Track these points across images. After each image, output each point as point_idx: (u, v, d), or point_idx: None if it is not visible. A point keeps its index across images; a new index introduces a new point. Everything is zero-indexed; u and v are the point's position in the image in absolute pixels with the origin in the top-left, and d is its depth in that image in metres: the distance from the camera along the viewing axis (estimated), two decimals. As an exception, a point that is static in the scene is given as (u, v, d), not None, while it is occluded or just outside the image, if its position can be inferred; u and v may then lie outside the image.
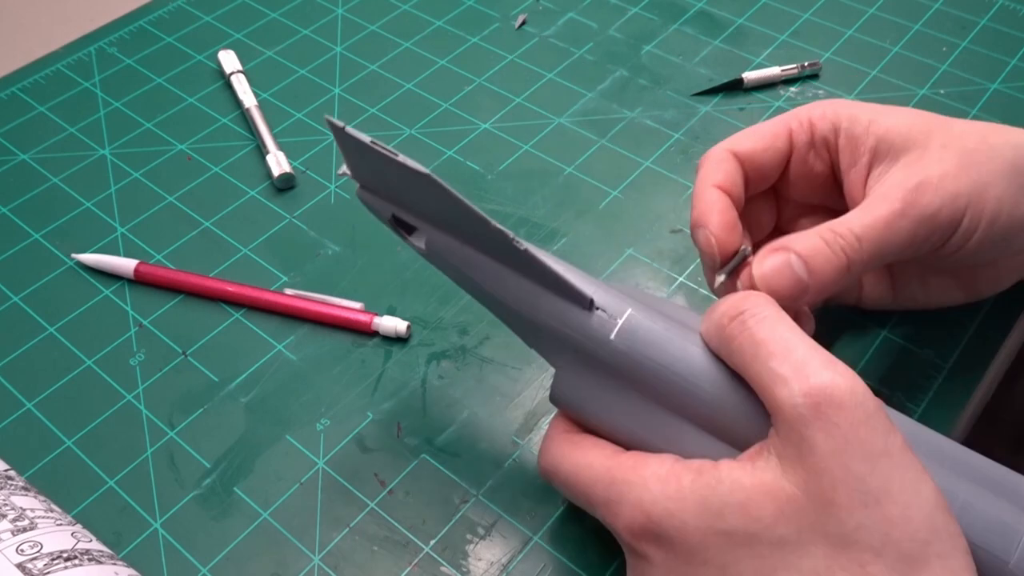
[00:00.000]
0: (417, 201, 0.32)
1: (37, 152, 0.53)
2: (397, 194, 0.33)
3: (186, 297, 0.45)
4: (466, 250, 0.32)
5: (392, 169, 0.30)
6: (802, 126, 0.37)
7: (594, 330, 0.30)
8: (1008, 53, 0.56)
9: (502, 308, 0.33)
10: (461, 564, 0.36)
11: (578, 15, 0.60)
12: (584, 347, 0.31)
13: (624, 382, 0.30)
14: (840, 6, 0.60)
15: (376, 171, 0.32)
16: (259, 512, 0.38)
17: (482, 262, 0.32)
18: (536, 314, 0.31)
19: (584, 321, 0.30)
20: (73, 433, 0.41)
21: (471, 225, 0.30)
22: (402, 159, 0.29)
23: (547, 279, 0.30)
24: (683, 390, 0.29)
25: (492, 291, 0.32)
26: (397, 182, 0.32)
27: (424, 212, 0.33)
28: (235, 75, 0.56)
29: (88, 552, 0.31)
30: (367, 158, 0.31)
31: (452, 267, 0.33)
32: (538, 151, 0.52)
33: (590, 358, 0.31)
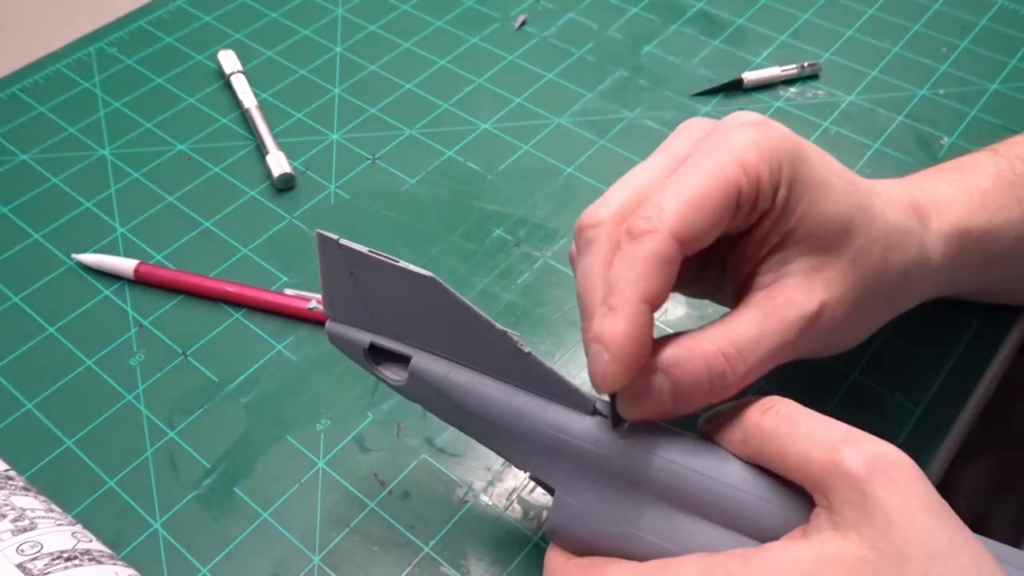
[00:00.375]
0: (408, 318, 0.30)
1: (37, 152, 0.53)
2: (382, 315, 0.30)
3: (186, 297, 0.45)
4: (455, 370, 0.30)
5: (387, 281, 0.29)
6: (750, 183, 0.29)
7: (599, 434, 0.29)
8: (1008, 53, 0.56)
9: (492, 429, 0.30)
10: (461, 564, 0.36)
11: (578, 15, 0.60)
12: (588, 455, 0.29)
13: (634, 488, 0.29)
14: (840, 6, 0.60)
15: (362, 292, 0.30)
16: (259, 512, 0.38)
17: (473, 381, 0.30)
18: (534, 427, 0.29)
19: (587, 427, 0.29)
20: (73, 433, 0.41)
21: (470, 332, 0.29)
22: (404, 265, 0.28)
23: (549, 384, 0.29)
24: (700, 484, 0.28)
25: (483, 410, 0.30)
26: (388, 298, 0.30)
27: (412, 331, 0.30)
28: (235, 75, 0.56)
29: (88, 552, 0.31)
30: (358, 275, 0.29)
31: (435, 392, 0.30)
32: (538, 151, 0.52)
33: (594, 468, 0.29)
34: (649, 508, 0.28)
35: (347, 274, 0.30)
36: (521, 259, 0.47)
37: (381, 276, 0.29)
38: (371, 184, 0.51)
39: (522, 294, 0.45)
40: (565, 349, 0.43)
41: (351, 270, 0.29)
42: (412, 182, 0.51)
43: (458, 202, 0.49)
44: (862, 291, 0.32)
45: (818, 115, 0.53)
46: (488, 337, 0.29)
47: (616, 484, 0.29)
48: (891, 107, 0.53)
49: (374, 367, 0.32)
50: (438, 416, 0.32)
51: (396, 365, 0.31)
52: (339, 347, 0.32)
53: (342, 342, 0.32)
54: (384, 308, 0.30)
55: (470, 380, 0.30)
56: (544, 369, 0.29)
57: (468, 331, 0.29)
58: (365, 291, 0.30)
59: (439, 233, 0.48)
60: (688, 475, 0.28)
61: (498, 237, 0.48)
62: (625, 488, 0.29)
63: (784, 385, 0.41)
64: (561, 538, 0.30)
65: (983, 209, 0.36)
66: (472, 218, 0.49)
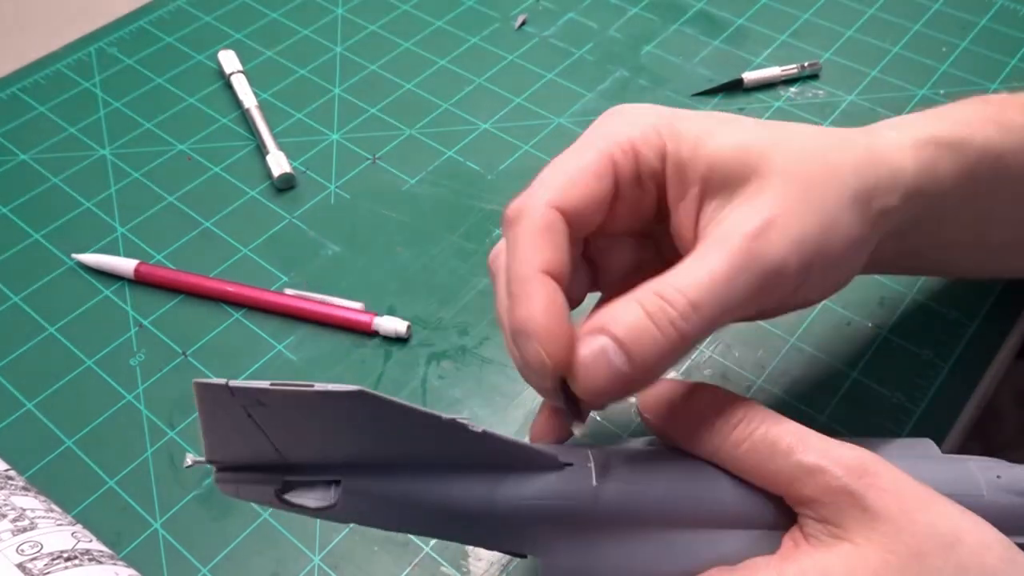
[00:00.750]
0: (328, 441, 0.26)
1: (37, 152, 0.53)
2: (292, 449, 0.26)
3: (186, 297, 0.45)
4: (396, 477, 0.27)
5: (300, 410, 0.25)
6: (626, 155, 0.30)
7: (572, 485, 0.28)
8: (1008, 53, 0.56)
9: (456, 522, 0.28)
10: (461, 564, 0.36)
11: (578, 15, 0.60)
12: (566, 512, 0.28)
13: (620, 526, 0.28)
14: (840, 6, 0.60)
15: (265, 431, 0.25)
16: (259, 512, 0.38)
17: (421, 483, 0.27)
18: (502, 505, 0.27)
19: (557, 483, 0.28)
20: (73, 433, 0.41)
21: (412, 433, 0.26)
22: (322, 387, 0.24)
23: (510, 455, 0.27)
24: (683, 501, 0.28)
25: (442, 507, 0.27)
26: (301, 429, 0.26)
27: (333, 453, 0.27)
28: (235, 75, 0.56)
29: (88, 552, 0.31)
30: (259, 414, 0.25)
31: (375, 507, 0.27)
32: (538, 151, 0.52)
33: (575, 522, 0.28)
34: (640, 539, 0.28)
35: (243, 417, 0.25)
36: (521, 259, 0.47)
37: (293, 407, 0.25)
38: (371, 184, 0.51)
39: (522, 294, 0.45)
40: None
41: (248, 412, 0.25)
42: (412, 182, 0.51)
43: (458, 202, 0.49)
44: (814, 199, 0.29)
45: (818, 115, 0.53)
46: (435, 432, 0.26)
47: (601, 529, 0.28)
48: (891, 107, 0.53)
49: (288, 504, 0.27)
50: (380, 528, 0.28)
51: (313, 491, 0.27)
52: (237, 496, 0.27)
53: (243, 490, 0.27)
54: (296, 440, 0.26)
55: (420, 483, 0.27)
56: (503, 441, 0.27)
57: (409, 433, 0.26)
58: (270, 429, 0.25)
59: (439, 233, 0.48)
60: (669, 496, 0.28)
61: (498, 237, 0.48)
62: (612, 530, 0.28)
63: (785, 385, 0.41)
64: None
65: (953, 123, 0.32)
66: (472, 218, 0.49)
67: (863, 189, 0.30)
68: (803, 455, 0.27)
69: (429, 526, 0.28)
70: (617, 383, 0.27)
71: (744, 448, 0.28)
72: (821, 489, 0.26)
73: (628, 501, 0.28)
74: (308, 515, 0.27)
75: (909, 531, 0.25)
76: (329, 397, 0.24)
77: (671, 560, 0.28)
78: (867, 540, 0.26)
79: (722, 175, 0.29)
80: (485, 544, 0.29)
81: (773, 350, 0.42)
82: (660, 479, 0.28)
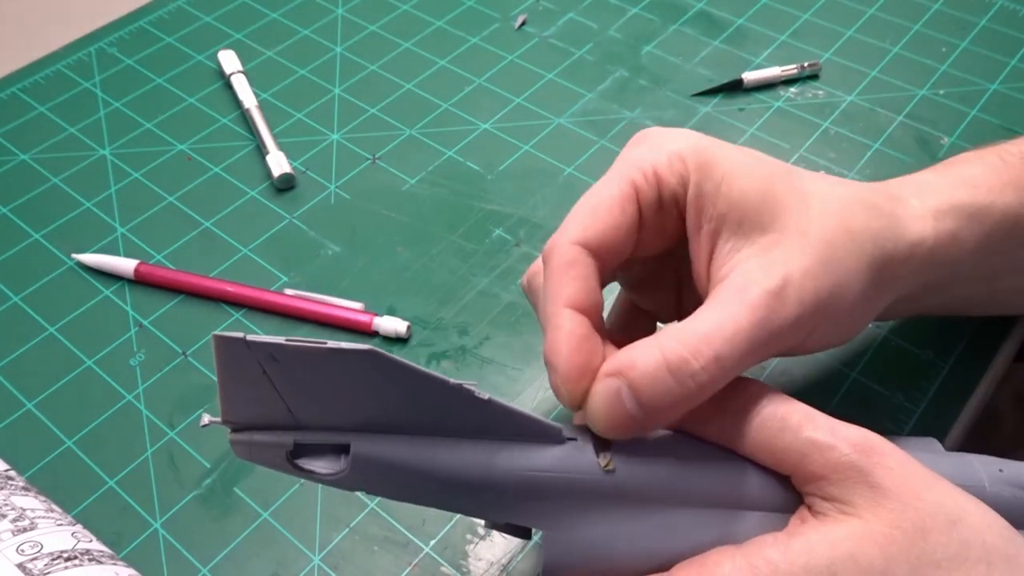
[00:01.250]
0: (339, 403, 0.27)
1: (37, 152, 0.53)
2: (304, 409, 0.27)
3: (186, 297, 0.45)
4: (404, 443, 0.27)
5: (313, 368, 0.25)
6: (648, 182, 0.31)
7: (574, 458, 0.28)
8: (1008, 53, 0.56)
9: (460, 491, 0.28)
10: (461, 564, 0.36)
11: (578, 15, 0.60)
12: (570, 485, 0.28)
13: (623, 502, 0.28)
14: (840, 6, 0.60)
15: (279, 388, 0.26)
16: (259, 512, 0.38)
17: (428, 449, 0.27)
18: (507, 474, 0.28)
19: (560, 456, 0.28)
20: (73, 433, 0.41)
21: (419, 397, 0.27)
22: (335, 345, 0.25)
23: (513, 424, 0.28)
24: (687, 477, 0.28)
25: (447, 475, 0.27)
26: (314, 387, 0.26)
27: (344, 416, 0.27)
28: (235, 75, 0.56)
29: (88, 552, 0.31)
30: (274, 370, 0.25)
31: (383, 474, 0.27)
32: (538, 151, 0.52)
33: (579, 495, 0.28)
34: (643, 517, 0.28)
35: (258, 373, 0.26)
36: (521, 259, 0.47)
37: (305, 364, 0.25)
38: (371, 184, 0.51)
39: (522, 294, 0.45)
40: (565, 349, 0.43)
41: (264, 368, 0.25)
42: (412, 182, 0.51)
43: (458, 202, 0.49)
44: (831, 261, 0.30)
45: (818, 115, 0.53)
46: (442, 397, 0.27)
47: (604, 504, 0.28)
48: (891, 107, 0.53)
49: (298, 469, 0.27)
50: (386, 496, 0.29)
51: (323, 458, 0.27)
52: (249, 458, 0.27)
53: (256, 451, 0.27)
54: (308, 400, 0.26)
55: (425, 449, 0.27)
56: (508, 410, 0.27)
57: (417, 397, 0.27)
58: (283, 386, 0.26)
59: (439, 233, 0.48)
60: (674, 474, 0.28)
61: (498, 237, 0.48)
62: (615, 505, 0.28)
63: (785, 385, 0.41)
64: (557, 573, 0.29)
65: (973, 189, 0.33)
66: (472, 218, 0.49)
67: (880, 257, 0.31)
68: (812, 432, 0.27)
69: (433, 495, 0.28)
70: (628, 425, 0.28)
71: (753, 425, 0.28)
72: (830, 465, 0.27)
73: (631, 477, 0.28)
74: (317, 481, 0.27)
75: (914, 507, 0.26)
76: (339, 355, 0.25)
77: (675, 538, 0.28)
78: (874, 515, 0.26)
79: (741, 218, 0.30)
80: (487, 516, 0.29)
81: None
82: (665, 456, 0.29)
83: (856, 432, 0.27)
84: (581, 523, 0.28)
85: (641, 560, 0.28)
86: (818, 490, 0.27)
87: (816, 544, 0.26)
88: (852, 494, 0.26)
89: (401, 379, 0.26)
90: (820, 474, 0.27)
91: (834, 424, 0.27)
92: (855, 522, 0.26)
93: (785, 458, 0.28)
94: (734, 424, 0.28)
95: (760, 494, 0.28)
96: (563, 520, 0.28)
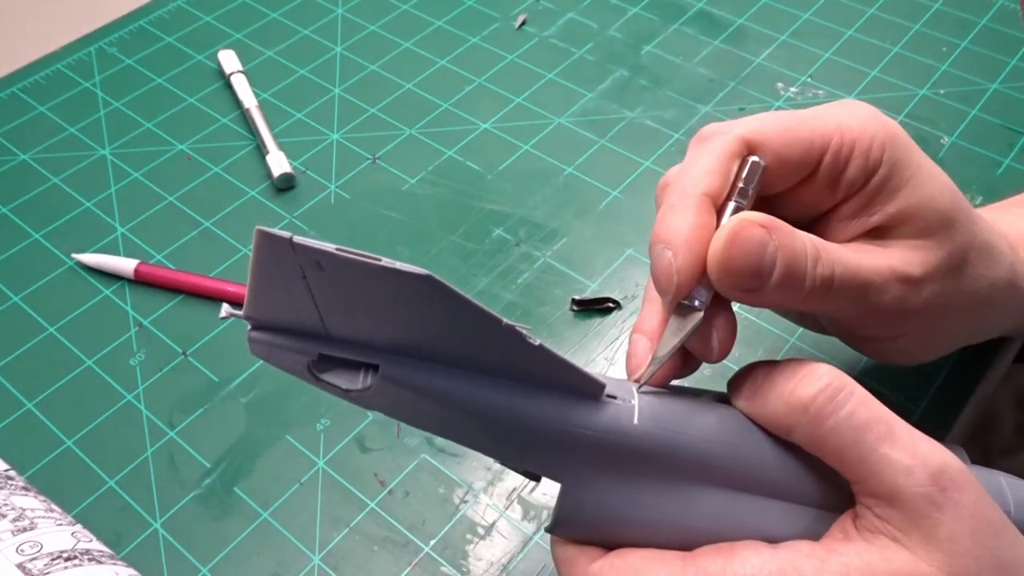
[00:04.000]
0: (376, 322, 0.25)
1: (37, 152, 0.53)
2: (338, 322, 0.25)
3: (186, 297, 0.45)
4: (437, 372, 0.26)
5: (359, 284, 0.24)
6: (842, 149, 0.30)
7: (612, 420, 0.27)
8: (1008, 53, 0.56)
9: (485, 429, 0.27)
10: (461, 564, 0.36)
11: (578, 15, 0.60)
12: (600, 443, 0.27)
13: (651, 468, 0.27)
14: (840, 6, 0.60)
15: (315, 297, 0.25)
16: (259, 512, 0.38)
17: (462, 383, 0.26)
18: (539, 423, 0.27)
19: (598, 414, 0.27)
20: (73, 433, 0.41)
21: (468, 331, 0.26)
22: (390, 264, 0.23)
23: (558, 374, 0.27)
24: (724, 455, 0.27)
25: (475, 412, 0.27)
26: (354, 303, 0.25)
27: (378, 335, 0.26)
28: (235, 75, 0.56)
29: (88, 552, 0.31)
30: (315, 278, 0.24)
31: (409, 399, 0.26)
32: (538, 151, 0.52)
33: (607, 455, 0.27)
34: (671, 490, 0.27)
35: (296, 278, 0.24)
36: (521, 259, 0.47)
37: (352, 278, 0.24)
38: (371, 184, 0.51)
39: (522, 294, 0.45)
40: (565, 349, 0.43)
41: (304, 273, 0.24)
42: (412, 182, 0.51)
43: (458, 202, 0.49)
44: (955, 289, 0.31)
45: (818, 115, 0.53)
46: (490, 334, 0.25)
47: (630, 467, 0.27)
48: (891, 107, 0.53)
49: (318, 380, 0.26)
50: (407, 423, 0.28)
51: (347, 372, 0.26)
52: (267, 359, 0.26)
53: (275, 354, 0.26)
54: (344, 313, 0.25)
55: (461, 382, 0.27)
56: (556, 358, 0.26)
57: (463, 330, 0.26)
58: (321, 296, 0.25)
59: (439, 233, 0.48)
60: (710, 447, 0.27)
61: (498, 237, 0.48)
62: (641, 470, 0.27)
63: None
64: (567, 529, 0.28)
65: None
66: (472, 218, 0.49)
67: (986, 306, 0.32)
68: (891, 449, 0.25)
69: (456, 429, 0.27)
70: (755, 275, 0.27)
71: (827, 426, 0.26)
72: (899, 489, 0.25)
73: (666, 447, 0.27)
74: (335, 394, 0.26)
75: (973, 555, 0.25)
76: (392, 274, 0.23)
77: (701, 517, 0.27)
78: (927, 553, 0.25)
79: (906, 218, 0.30)
80: (507, 460, 0.28)
81: (773, 350, 0.42)
82: (708, 433, 0.27)
83: (937, 456, 0.25)
84: (603, 483, 0.27)
85: (655, 530, 0.27)
86: (876, 505, 0.25)
87: (854, 571, 0.25)
88: (912, 526, 0.25)
89: (452, 310, 0.25)
90: (887, 496, 0.25)
91: (915, 440, 0.25)
92: (904, 555, 0.25)
93: (854, 468, 0.26)
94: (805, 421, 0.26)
95: (804, 489, 0.27)
96: (585, 477, 0.27)
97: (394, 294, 0.24)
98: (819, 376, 0.26)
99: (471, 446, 0.28)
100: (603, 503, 0.27)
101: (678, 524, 0.27)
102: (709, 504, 0.27)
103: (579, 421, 0.27)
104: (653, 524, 0.27)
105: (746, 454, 0.27)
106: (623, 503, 0.27)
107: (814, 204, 0.31)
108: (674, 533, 0.27)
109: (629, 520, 0.27)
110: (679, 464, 0.27)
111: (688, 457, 0.27)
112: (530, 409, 0.27)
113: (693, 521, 0.27)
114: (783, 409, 0.27)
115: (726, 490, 0.27)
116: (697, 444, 0.27)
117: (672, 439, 0.27)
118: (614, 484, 0.27)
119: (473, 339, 0.26)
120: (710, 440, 0.27)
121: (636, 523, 0.27)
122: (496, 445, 0.28)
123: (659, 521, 0.27)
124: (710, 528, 0.27)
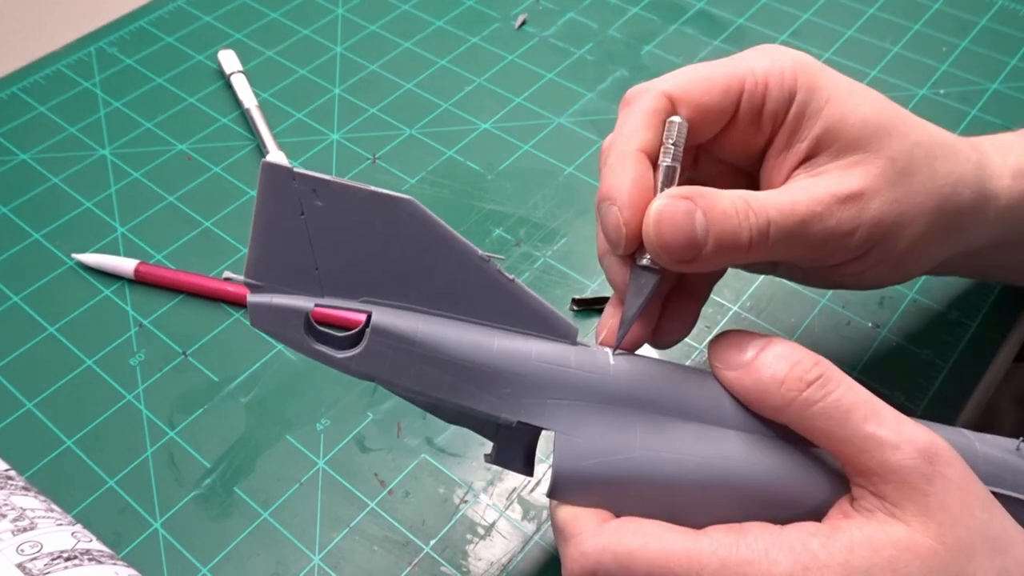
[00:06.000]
0: (366, 265, 0.27)
1: (37, 152, 0.53)
2: (332, 268, 0.27)
3: (186, 297, 0.45)
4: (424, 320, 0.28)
5: (350, 216, 0.26)
6: (757, 86, 0.31)
7: (589, 358, 0.29)
8: (1008, 53, 0.56)
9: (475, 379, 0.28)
10: (461, 564, 0.36)
11: (578, 15, 0.60)
12: (585, 383, 0.28)
13: (636, 407, 0.28)
14: (840, 6, 0.60)
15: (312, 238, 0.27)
16: (259, 512, 0.38)
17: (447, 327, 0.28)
18: (524, 364, 0.28)
19: (577, 354, 0.28)
20: (73, 433, 0.41)
21: (447, 265, 0.27)
22: (376, 190, 0.26)
23: (533, 314, 0.28)
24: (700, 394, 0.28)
25: (463, 358, 0.27)
26: (346, 241, 0.27)
27: (367, 283, 0.27)
28: (235, 75, 0.56)
29: (88, 552, 0.31)
30: (312, 214, 0.26)
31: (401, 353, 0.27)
32: (538, 151, 0.52)
33: (593, 396, 0.28)
34: (655, 424, 0.28)
35: (295, 216, 0.26)
36: (521, 259, 0.47)
37: (343, 210, 0.26)
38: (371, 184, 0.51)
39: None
40: (565, 349, 0.43)
41: (303, 209, 0.26)
42: (412, 182, 0.51)
43: (458, 202, 0.49)
44: (907, 193, 0.31)
45: (818, 115, 0.53)
46: (468, 268, 0.27)
47: (616, 408, 0.28)
48: (891, 107, 0.53)
49: (313, 343, 0.28)
50: (398, 383, 0.28)
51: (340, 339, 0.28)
52: (265, 323, 0.27)
53: (272, 315, 0.27)
54: (337, 257, 0.27)
55: (444, 328, 0.27)
56: (530, 297, 0.28)
57: (444, 264, 0.27)
58: (317, 236, 0.26)
59: (439, 233, 0.48)
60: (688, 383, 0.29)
61: (498, 237, 0.48)
62: (627, 410, 0.28)
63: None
64: (567, 486, 0.28)
65: None
66: (472, 218, 0.49)
67: (953, 203, 0.32)
68: (877, 427, 0.26)
69: (444, 383, 0.28)
70: (689, 249, 0.28)
71: (815, 409, 0.27)
72: (889, 465, 0.26)
73: (644, 380, 0.28)
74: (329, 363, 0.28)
75: (964, 525, 0.25)
76: (378, 199, 0.26)
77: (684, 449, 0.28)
78: (922, 525, 0.26)
79: (835, 137, 0.31)
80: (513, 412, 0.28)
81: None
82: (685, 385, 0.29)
83: (923, 435, 0.26)
84: (593, 426, 0.28)
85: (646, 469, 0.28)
86: (870, 484, 0.26)
87: (858, 544, 0.26)
88: (905, 499, 0.26)
89: (431, 240, 0.26)
90: (876, 471, 0.26)
91: (900, 421, 0.27)
92: (900, 528, 0.26)
93: (843, 448, 0.27)
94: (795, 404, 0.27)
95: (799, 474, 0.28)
96: (576, 420, 0.28)
97: (383, 225, 0.26)
98: (808, 364, 0.28)
99: (461, 400, 0.28)
100: (597, 448, 0.28)
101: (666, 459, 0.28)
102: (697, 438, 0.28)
103: (560, 359, 0.28)
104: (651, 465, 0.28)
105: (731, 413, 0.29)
106: (617, 445, 0.28)
107: (747, 144, 0.32)
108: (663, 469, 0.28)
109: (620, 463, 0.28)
110: (659, 398, 0.28)
111: (666, 390, 0.29)
112: (512, 347, 0.28)
113: (687, 455, 0.28)
114: (775, 389, 0.28)
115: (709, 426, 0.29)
116: (674, 376, 0.29)
117: (651, 375, 0.29)
118: (604, 427, 0.28)
119: (452, 275, 0.27)
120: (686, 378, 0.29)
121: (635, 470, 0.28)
122: (488, 396, 0.28)
123: (658, 460, 0.28)
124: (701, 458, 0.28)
